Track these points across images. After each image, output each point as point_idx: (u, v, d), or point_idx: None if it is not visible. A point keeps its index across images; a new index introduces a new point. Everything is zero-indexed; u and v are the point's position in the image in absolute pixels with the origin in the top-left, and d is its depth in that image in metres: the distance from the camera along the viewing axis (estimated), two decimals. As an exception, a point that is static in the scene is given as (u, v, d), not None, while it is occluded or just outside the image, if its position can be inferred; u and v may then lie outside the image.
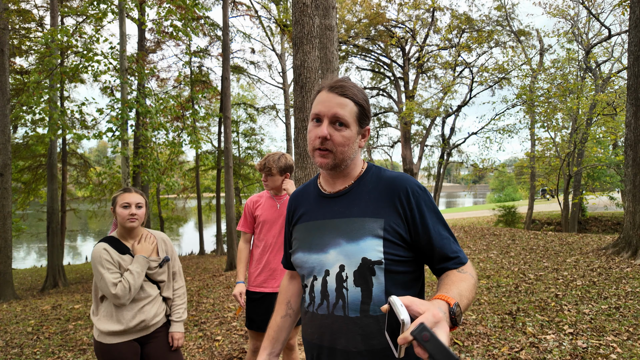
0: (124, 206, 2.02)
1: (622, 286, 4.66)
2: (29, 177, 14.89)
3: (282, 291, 1.38)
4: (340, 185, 1.18)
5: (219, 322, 4.55)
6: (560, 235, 9.25)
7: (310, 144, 1.14)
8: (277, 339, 1.30)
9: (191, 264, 13.44)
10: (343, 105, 1.09)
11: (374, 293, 1.05)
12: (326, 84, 1.14)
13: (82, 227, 29.37)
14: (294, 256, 1.21)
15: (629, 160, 6.34)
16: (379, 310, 1.04)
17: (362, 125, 1.14)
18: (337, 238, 1.10)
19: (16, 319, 5.44)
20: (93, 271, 1.96)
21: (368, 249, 1.05)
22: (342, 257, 1.08)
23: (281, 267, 2.53)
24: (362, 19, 17.85)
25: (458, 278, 1.02)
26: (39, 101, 7.73)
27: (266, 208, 2.55)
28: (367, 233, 1.06)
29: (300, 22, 4.31)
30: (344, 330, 1.06)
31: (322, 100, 1.12)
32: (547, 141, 16.70)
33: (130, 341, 1.99)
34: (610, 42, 15.28)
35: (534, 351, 3.13)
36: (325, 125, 1.09)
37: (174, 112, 8.87)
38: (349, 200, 1.14)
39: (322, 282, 1.11)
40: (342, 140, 1.10)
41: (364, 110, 1.13)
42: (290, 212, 1.32)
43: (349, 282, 1.06)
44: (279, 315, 1.34)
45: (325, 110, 1.10)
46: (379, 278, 1.05)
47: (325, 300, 1.09)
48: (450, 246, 1.09)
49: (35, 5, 13.41)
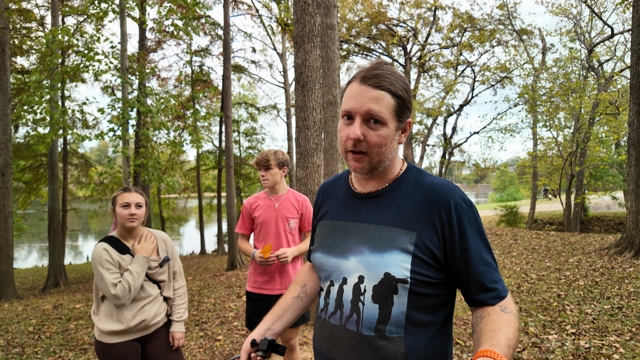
0: (123, 206, 2.00)
1: (624, 286, 4.64)
2: (30, 176, 14.92)
3: (301, 274, 1.28)
4: (374, 186, 1.05)
5: (220, 322, 4.54)
6: (563, 235, 9.22)
7: (341, 144, 1.00)
8: (280, 317, 1.20)
9: (192, 264, 13.44)
10: (378, 99, 0.93)
11: (393, 314, 0.93)
12: (358, 74, 0.97)
13: (83, 226, 29.44)
14: (313, 255, 1.12)
15: (632, 160, 6.31)
16: (396, 332, 0.93)
17: (401, 119, 0.98)
18: (360, 245, 0.99)
19: (17, 319, 5.44)
20: (93, 271, 1.95)
21: (393, 264, 0.93)
22: (362, 267, 0.97)
23: (280, 270, 2.52)
24: (363, 18, 17.81)
25: (503, 321, 0.89)
26: (41, 101, 7.74)
27: (264, 209, 2.53)
28: (395, 246, 0.94)
29: (302, 21, 4.29)
30: (354, 347, 0.96)
31: (353, 94, 0.96)
32: (549, 140, 16.69)
33: (131, 341, 1.98)
34: (613, 41, 15.22)
35: (537, 351, 3.11)
36: (357, 125, 0.94)
37: (175, 112, 8.87)
38: (379, 205, 1.02)
39: (339, 289, 1.01)
40: (379, 141, 0.95)
41: (404, 101, 0.97)
42: (317, 205, 1.21)
43: (366, 297, 0.95)
44: (290, 295, 1.24)
45: (357, 107, 0.94)
46: (402, 298, 0.93)
47: (339, 310, 1.00)
48: (490, 275, 0.95)
49: (36, 4, 13.43)
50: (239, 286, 6.54)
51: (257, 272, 2.53)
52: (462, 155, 20.59)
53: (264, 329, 1.17)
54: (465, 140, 18.83)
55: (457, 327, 3.74)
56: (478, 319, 0.94)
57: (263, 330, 1.17)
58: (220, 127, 17.38)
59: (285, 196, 2.57)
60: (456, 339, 3.48)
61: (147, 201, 2.12)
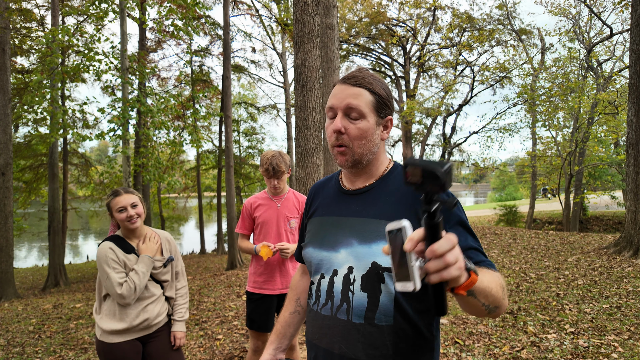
0: (119, 210, 2.00)
1: (623, 285, 4.65)
2: (30, 176, 14.91)
3: (293, 287, 1.35)
4: (361, 183, 1.11)
5: (220, 321, 4.56)
6: (562, 235, 9.24)
7: (328, 142, 1.07)
8: (284, 335, 1.28)
9: (192, 263, 13.45)
10: (356, 95, 1.02)
11: (381, 301, 0.98)
12: (341, 78, 1.07)
13: (83, 226, 29.42)
14: (305, 250, 1.17)
15: (631, 159, 6.32)
16: (385, 320, 0.98)
17: (381, 115, 1.05)
18: (350, 238, 1.04)
19: (18, 318, 5.45)
20: (98, 270, 1.95)
21: (380, 253, 0.98)
22: (352, 258, 1.02)
23: (281, 269, 2.52)
24: (363, 18, 17.82)
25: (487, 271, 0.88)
26: (42, 101, 7.75)
27: (266, 208, 2.54)
28: (382, 236, 0.99)
29: (301, 21, 4.30)
30: (344, 335, 1.01)
31: (334, 93, 1.05)
32: (548, 140, 16.70)
33: (133, 340, 1.99)
34: (611, 41, 15.24)
35: (535, 350, 3.13)
36: (339, 118, 1.02)
37: (175, 111, 8.88)
38: (367, 200, 1.08)
39: (329, 281, 1.06)
40: (359, 133, 1.02)
41: (382, 98, 1.04)
42: (308, 204, 1.27)
43: (355, 286, 1.00)
44: (287, 311, 1.31)
45: (338, 103, 1.03)
46: (389, 287, 0.97)
47: (330, 301, 1.05)
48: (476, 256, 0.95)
49: (36, 4, 13.43)
50: (239, 285, 6.55)
51: (257, 272, 2.53)
52: (462, 154, 20.61)
53: (272, 349, 1.25)
54: (464, 139, 18.85)
55: (456, 327, 3.76)
56: None
57: (273, 351, 1.25)
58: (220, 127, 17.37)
59: (287, 196, 2.58)
60: (456, 338, 3.50)
61: (140, 197, 2.10)
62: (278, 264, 2.51)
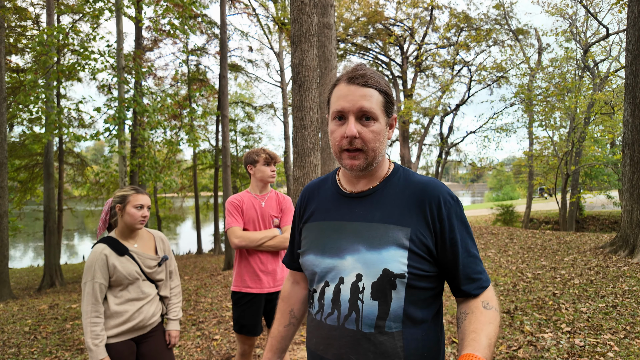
0: (137, 207, 1.99)
1: (619, 285, 4.67)
2: (25, 176, 14.82)
3: (284, 298, 1.29)
4: (364, 185, 1.06)
5: (217, 322, 4.54)
6: (558, 234, 9.27)
7: (335, 145, 1.01)
8: (280, 349, 1.24)
9: (189, 263, 13.41)
10: (368, 96, 0.97)
11: (392, 309, 0.96)
12: (344, 76, 1.01)
13: (79, 226, 29.29)
14: (304, 258, 1.11)
15: (627, 159, 6.35)
16: (394, 326, 0.96)
17: (388, 114, 1.02)
18: (356, 244, 0.99)
19: (13, 319, 5.41)
20: (84, 273, 1.92)
21: (391, 260, 0.95)
22: (360, 265, 0.97)
23: (268, 268, 2.45)
24: (360, 17, 17.81)
25: (485, 319, 0.94)
26: (37, 100, 7.69)
27: (250, 207, 2.49)
28: (391, 242, 0.96)
29: (299, 21, 4.29)
30: (353, 346, 0.97)
31: (343, 94, 0.98)
32: (545, 140, 16.77)
33: (127, 340, 1.98)
34: (608, 41, 15.32)
35: (532, 349, 3.13)
36: (352, 122, 0.97)
37: (172, 111, 8.85)
38: (371, 203, 1.03)
39: (335, 289, 1.00)
40: (373, 136, 0.98)
41: (389, 97, 1.01)
42: (302, 208, 1.19)
43: (365, 294, 0.96)
44: (281, 325, 1.26)
45: (349, 106, 0.97)
46: (399, 293, 0.95)
47: (337, 310, 0.99)
48: (475, 266, 1.01)
49: (31, 2, 13.33)
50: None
51: (243, 272, 2.46)
52: (459, 154, 20.65)
53: None
54: (461, 139, 18.87)
55: (453, 326, 3.76)
56: (462, 315, 1.00)
57: None
58: (217, 126, 17.34)
59: (270, 195, 2.58)
60: (453, 337, 3.50)
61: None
62: (264, 263, 2.46)
